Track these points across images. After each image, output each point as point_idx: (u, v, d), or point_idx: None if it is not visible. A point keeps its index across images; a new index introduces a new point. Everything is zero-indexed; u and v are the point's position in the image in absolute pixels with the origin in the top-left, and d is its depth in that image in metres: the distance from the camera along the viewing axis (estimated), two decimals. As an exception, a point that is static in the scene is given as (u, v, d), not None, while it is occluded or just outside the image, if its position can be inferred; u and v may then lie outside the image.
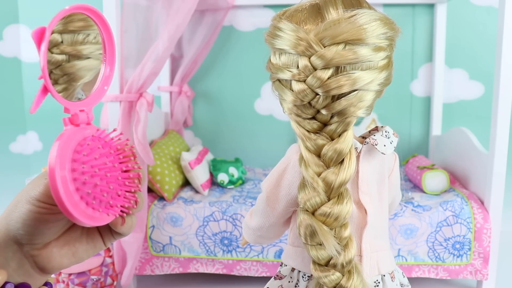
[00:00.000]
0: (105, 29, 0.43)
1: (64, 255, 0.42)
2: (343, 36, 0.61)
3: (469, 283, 1.76)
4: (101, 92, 0.44)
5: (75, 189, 0.37)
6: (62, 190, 0.35)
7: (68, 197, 0.36)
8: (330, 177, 0.66)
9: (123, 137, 0.44)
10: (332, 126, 0.67)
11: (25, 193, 0.40)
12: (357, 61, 0.62)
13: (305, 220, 0.67)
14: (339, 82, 0.62)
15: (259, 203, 0.83)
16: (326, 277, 0.67)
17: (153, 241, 1.67)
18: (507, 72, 1.48)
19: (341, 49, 0.62)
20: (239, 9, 2.32)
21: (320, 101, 0.65)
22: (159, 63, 1.54)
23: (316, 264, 0.69)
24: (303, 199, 0.68)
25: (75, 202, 0.36)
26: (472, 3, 2.20)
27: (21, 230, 0.39)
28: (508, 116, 1.51)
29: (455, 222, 1.58)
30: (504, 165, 1.54)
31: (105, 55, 0.44)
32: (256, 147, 2.43)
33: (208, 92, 2.43)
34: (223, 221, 1.65)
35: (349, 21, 0.62)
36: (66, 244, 0.42)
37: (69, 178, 0.36)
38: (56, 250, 0.42)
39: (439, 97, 2.23)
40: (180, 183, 1.83)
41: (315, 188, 0.67)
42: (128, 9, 1.55)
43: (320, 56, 0.62)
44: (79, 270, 1.52)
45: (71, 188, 0.36)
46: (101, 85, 0.44)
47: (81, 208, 0.37)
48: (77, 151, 0.38)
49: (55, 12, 1.59)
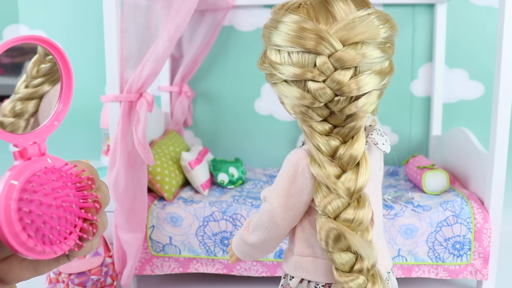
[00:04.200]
0: (64, 65, 0.42)
1: (24, 268, 0.42)
2: (362, 36, 0.60)
3: (469, 283, 1.76)
4: (51, 127, 0.43)
5: (21, 229, 0.36)
6: (7, 231, 0.35)
7: (14, 236, 0.35)
8: (349, 182, 0.65)
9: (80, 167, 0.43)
10: (345, 128, 0.66)
11: None
12: (375, 61, 0.62)
13: (328, 226, 0.65)
14: (360, 83, 0.62)
15: (263, 216, 0.76)
16: (352, 281, 0.66)
17: (153, 241, 1.67)
18: (507, 72, 1.48)
19: (360, 49, 0.61)
20: (239, 9, 2.32)
21: (340, 102, 0.63)
22: (159, 63, 1.53)
23: (339, 271, 0.67)
24: (322, 203, 0.66)
25: (22, 241, 0.36)
26: (472, 3, 2.20)
27: None
28: (508, 116, 1.51)
29: (455, 222, 1.58)
30: (504, 165, 1.54)
31: (61, 92, 0.43)
32: (256, 147, 2.42)
33: (208, 92, 2.43)
34: (223, 221, 1.64)
35: (367, 20, 0.61)
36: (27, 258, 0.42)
37: (14, 218, 0.36)
38: (16, 263, 0.41)
39: (439, 97, 2.23)
40: (180, 183, 1.83)
41: (335, 191, 0.65)
42: (128, 9, 1.55)
43: (342, 56, 0.60)
44: (79, 270, 1.52)
45: (17, 228, 0.36)
46: (52, 121, 0.43)
47: (29, 245, 0.36)
48: (24, 189, 0.37)
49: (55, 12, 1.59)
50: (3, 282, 0.42)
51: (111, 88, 1.54)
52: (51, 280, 1.54)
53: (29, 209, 0.36)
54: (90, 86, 2.33)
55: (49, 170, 0.39)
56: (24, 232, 0.36)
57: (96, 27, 2.24)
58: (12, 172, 0.37)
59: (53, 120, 0.43)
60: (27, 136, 0.40)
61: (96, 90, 2.33)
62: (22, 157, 0.39)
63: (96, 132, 2.28)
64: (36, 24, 2.36)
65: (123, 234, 1.58)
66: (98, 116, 2.26)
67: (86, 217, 0.41)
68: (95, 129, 2.29)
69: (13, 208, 0.36)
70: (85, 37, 2.35)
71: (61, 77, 0.43)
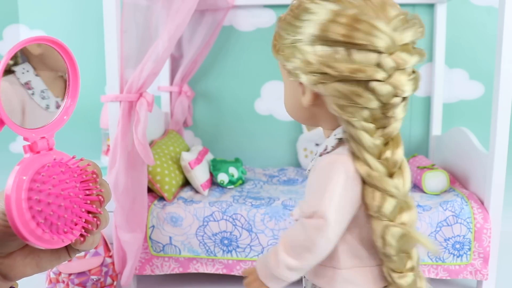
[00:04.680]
0: (70, 63, 0.44)
1: (27, 264, 0.43)
2: (412, 37, 0.62)
3: (469, 283, 1.76)
4: (60, 121, 0.45)
5: (31, 217, 0.38)
6: (17, 219, 0.37)
7: (24, 224, 0.37)
8: (399, 183, 0.65)
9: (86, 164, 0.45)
10: (388, 129, 0.65)
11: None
12: (416, 63, 0.63)
13: (393, 228, 0.64)
14: (415, 84, 0.63)
15: (312, 236, 0.66)
16: (405, 279, 0.67)
17: (153, 241, 1.67)
18: (507, 72, 1.48)
19: (412, 49, 0.62)
20: (239, 9, 2.32)
21: (397, 103, 0.63)
22: (159, 63, 1.53)
23: (396, 272, 0.68)
24: (376, 205, 0.64)
25: (31, 229, 0.38)
26: (472, 3, 2.20)
27: None
28: (508, 116, 1.51)
29: (455, 222, 1.58)
30: (504, 165, 1.54)
31: (68, 88, 0.45)
32: (256, 147, 2.42)
33: (208, 92, 2.43)
34: (223, 221, 1.64)
35: (412, 21, 0.62)
36: (30, 253, 0.43)
37: (25, 207, 0.37)
38: (19, 259, 0.42)
39: (439, 97, 2.23)
40: (180, 183, 1.83)
41: (389, 191, 0.64)
42: (128, 9, 1.55)
43: (405, 56, 0.60)
44: (79, 270, 1.52)
45: (27, 217, 0.37)
46: (61, 115, 0.45)
47: (37, 234, 0.38)
48: (34, 179, 0.39)
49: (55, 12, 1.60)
50: (6, 278, 0.43)
51: (111, 88, 1.54)
52: (51, 280, 1.54)
53: (39, 197, 0.38)
54: (90, 86, 2.33)
55: (57, 163, 0.41)
56: (33, 221, 0.38)
57: (96, 27, 2.24)
58: (23, 164, 0.39)
59: (62, 115, 0.45)
60: (38, 131, 0.42)
61: (96, 90, 2.33)
62: (32, 150, 0.41)
63: (96, 132, 2.29)
64: (36, 24, 2.36)
65: (123, 234, 1.58)
66: (98, 116, 2.26)
67: (91, 208, 0.42)
68: (95, 129, 2.29)
69: (23, 197, 0.37)
70: (85, 37, 2.35)
71: (68, 73, 0.45)
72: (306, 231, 0.67)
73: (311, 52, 0.61)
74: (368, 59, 0.60)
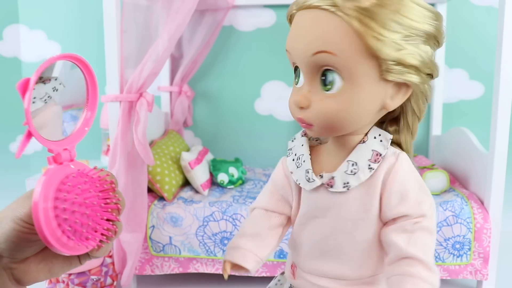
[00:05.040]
0: (89, 77, 0.47)
1: (40, 270, 0.44)
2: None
3: (469, 283, 1.76)
4: (81, 132, 0.48)
5: (57, 225, 0.40)
6: (45, 227, 0.38)
7: (51, 232, 0.39)
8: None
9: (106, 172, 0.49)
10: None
11: (10, 211, 0.42)
12: None
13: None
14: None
15: (433, 241, 0.61)
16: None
17: (153, 241, 1.67)
18: (507, 72, 1.48)
19: None
20: (239, 9, 2.32)
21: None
22: (159, 63, 1.54)
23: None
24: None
25: (57, 237, 0.40)
26: (472, 3, 2.20)
27: (4, 245, 0.41)
28: (508, 116, 1.51)
29: (455, 222, 1.58)
30: (504, 165, 1.54)
31: (88, 101, 0.48)
32: (256, 147, 2.43)
33: (208, 92, 2.43)
34: (223, 221, 1.65)
35: None
36: (43, 260, 0.44)
37: (51, 215, 0.39)
38: (33, 265, 0.44)
39: (439, 97, 2.23)
40: (180, 183, 1.83)
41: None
42: (128, 9, 1.55)
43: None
44: (79, 270, 1.52)
45: (53, 224, 0.39)
46: (82, 126, 0.48)
47: (63, 241, 0.40)
48: (59, 189, 0.41)
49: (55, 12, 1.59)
50: (20, 283, 0.44)
51: (111, 88, 1.54)
52: (51, 280, 1.54)
53: (65, 206, 0.40)
54: (90, 86, 2.33)
55: (80, 173, 0.44)
56: (59, 228, 0.40)
57: (96, 27, 2.25)
58: (48, 174, 0.41)
59: (83, 126, 0.48)
60: (61, 143, 0.45)
61: (96, 90, 2.33)
62: (55, 161, 0.44)
63: (96, 132, 2.28)
64: (36, 24, 2.36)
65: (123, 234, 1.58)
66: (98, 116, 2.26)
67: (111, 216, 0.45)
68: (95, 129, 2.30)
69: (50, 206, 0.39)
70: (85, 37, 2.35)
71: (87, 87, 0.48)
72: (430, 235, 0.60)
73: (426, 51, 0.58)
74: (432, 53, 0.61)
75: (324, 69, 0.57)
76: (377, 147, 0.63)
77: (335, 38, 0.54)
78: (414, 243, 0.59)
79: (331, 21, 0.54)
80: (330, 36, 0.54)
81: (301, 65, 0.59)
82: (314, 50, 0.56)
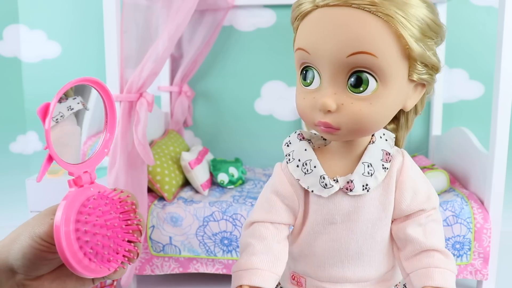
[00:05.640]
0: (108, 99, 0.48)
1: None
2: None
3: (469, 283, 1.76)
4: (101, 154, 0.48)
5: (78, 247, 0.40)
6: (67, 250, 0.39)
7: (73, 255, 0.39)
8: None
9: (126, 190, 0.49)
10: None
11: (29, 227, 0.42)
12: None
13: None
14: None
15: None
16: None
17: (153, 241, 1.67)
18: (507, 72, 1.48)
19: None
20: (239, 9, 2.32)
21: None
22: (159, 63, 1.54)
23: None
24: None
25: (79, 259, 0.40)
26: (472, 3, 2.20)
27: (20, 261, 0.41)
28: (508, 116, 1.51)
29: (455, 222, 1.58)
30: (504, 165, 1.54)
31: (106, 123, 0.49)
32: (256, 147, 2.43)
33: (208, 92, 2.43)
34: (223, 221, 1.65)
35: None
36: (57, 278, 0.44)
37: (73, 237, 0.40)
38: (47, 283, 0.44)
39: (439, 97, 2.23)
40: (180, 183, 1.83)
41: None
42: (128, 9, 1.55)
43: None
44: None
45: (75, 247, 0.40)
46: (102, 148, 0.48)
47: (84, 263, 0.40)
48: (80, 212, 0.41)
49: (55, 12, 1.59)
50: None
51: (111, 88, 1.54)
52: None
53: (86, 229, 0.40)
54: (90, 86, 2.33)
55: (101, 195, 0.44)
56: (81, 251, 0.40)
57: (96, 27, 2.24)
58: (69, 198, 0.41)
59: (103, 148, 0.48)
60: (81, 166, 0.45)
61: (96, 90, 2.33)
62: (76, 184, 0.44)
63: (96, 132, 2.29)
64: (36, 24, 2.36)
65: (123, 234, 1.58)
66: (98, 116, 2.26)
67: (132, 238, 0.45)
68: (95, 129, 2.29)
69: (71, 228, 0.40)
70: (85, 37, 2.35)
71: (105, 110, 0.48)
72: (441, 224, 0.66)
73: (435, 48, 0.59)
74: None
75: (354, 70, 0.54)
76: (385, 146, 0.63)
77: (376, 39, 0.52)
78: (431, 235, 0.62)
79: (370, 20, 0.51)
80: (371, 37, 0.52)
81: (325, 65, 0.55)
82: (351, 51, 0.52)
